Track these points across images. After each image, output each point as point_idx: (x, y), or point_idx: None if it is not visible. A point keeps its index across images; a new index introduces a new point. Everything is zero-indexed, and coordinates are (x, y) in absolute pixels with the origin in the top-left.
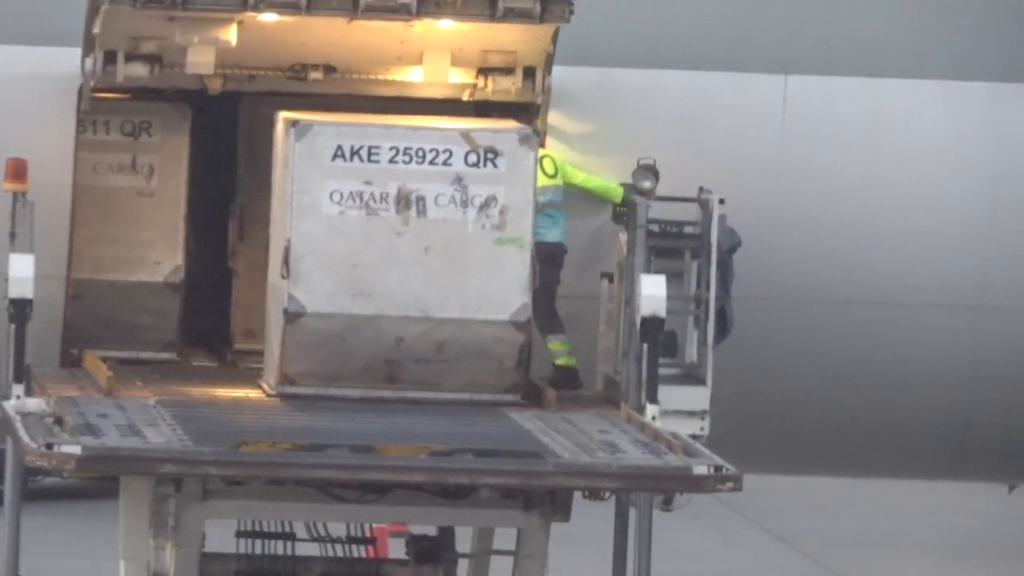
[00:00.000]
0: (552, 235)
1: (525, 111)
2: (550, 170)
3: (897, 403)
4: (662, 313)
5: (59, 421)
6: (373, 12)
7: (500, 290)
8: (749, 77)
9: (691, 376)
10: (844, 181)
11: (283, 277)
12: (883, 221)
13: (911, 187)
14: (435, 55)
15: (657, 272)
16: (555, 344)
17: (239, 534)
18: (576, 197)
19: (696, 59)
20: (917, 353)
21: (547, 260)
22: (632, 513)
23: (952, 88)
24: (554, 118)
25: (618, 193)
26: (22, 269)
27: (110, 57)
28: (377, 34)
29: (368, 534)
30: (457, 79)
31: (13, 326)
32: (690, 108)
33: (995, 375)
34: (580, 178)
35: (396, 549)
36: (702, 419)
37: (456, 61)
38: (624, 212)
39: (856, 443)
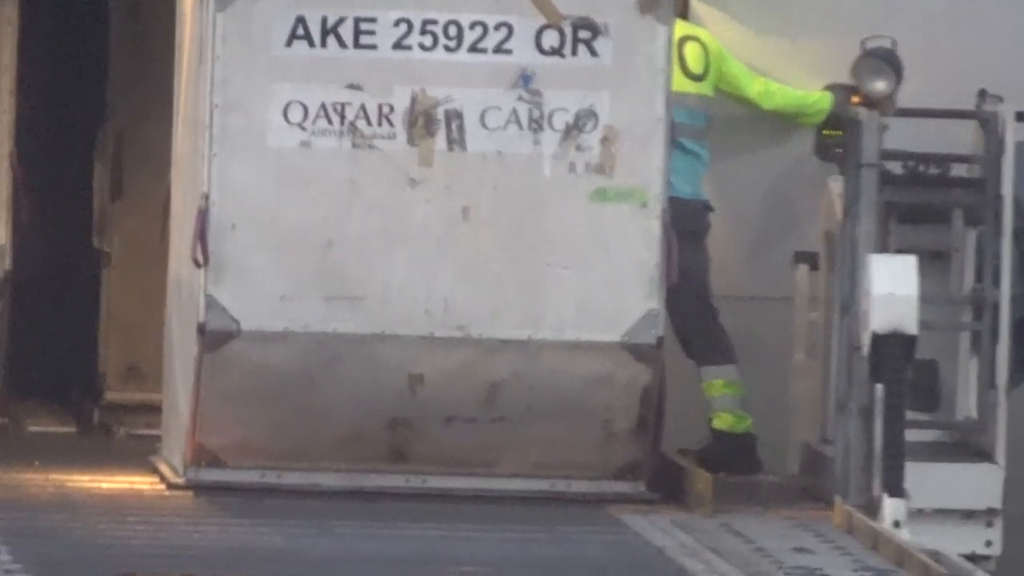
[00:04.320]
0: (686, 186)
1: None
2: (695, 65)
3: None
4: (911, 328)
5: None
6: None
7: (605, 287)
8: None
9: (967, 445)
10: None
11: (196, 265)
12: None
13: None
14: None
15: (901, 251)
16: (718, 385)
17: None
18: (740, 118)
19: None
20: None
21: (684, 231)
22: None
23: None
24: None
25: (823, 106)
26: None
27: None
28: None
29: None
30: None
31: None
32: None
33: None
34: (754, 84)
35: None
36: (989, 524)
37: None
38: (835, 139)
39: None
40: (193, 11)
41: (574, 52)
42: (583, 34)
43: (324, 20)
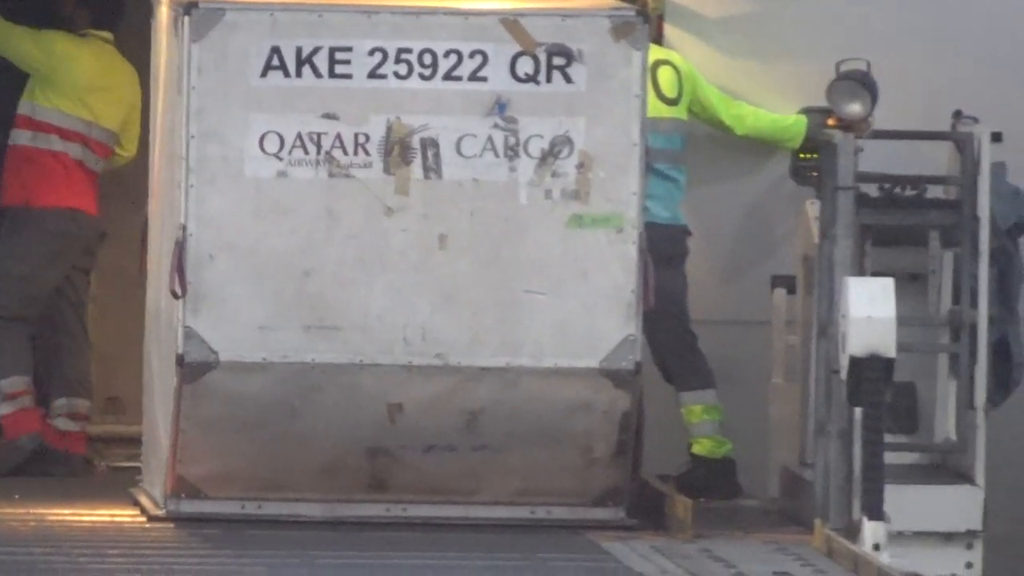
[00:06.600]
0: (663, 211)
1: None
2: (669, 89)
3: None
4: (889, 351)
5: None
6: None
7: (582, 313)
8: None
9: (946, 467)
10: None
11: (175, 296)
12: None
13: None
14: None
15: (877, 274)
16: (697, 410)
17: None
18: (716, 142)
19: None
20: None
21: (662, 256)
22: None
23: None
24: None
25: (798, 130)
26: None
27: None
28: None
29: None
30: None
31: None
32: None
33: None
34: (728, 108)
35: None
36: (969, 546)
37: None
38: (811, 162)
39: None
40: (168, 42)
41: (549, 79)
42: (558, 61)
43: (299, 50)
